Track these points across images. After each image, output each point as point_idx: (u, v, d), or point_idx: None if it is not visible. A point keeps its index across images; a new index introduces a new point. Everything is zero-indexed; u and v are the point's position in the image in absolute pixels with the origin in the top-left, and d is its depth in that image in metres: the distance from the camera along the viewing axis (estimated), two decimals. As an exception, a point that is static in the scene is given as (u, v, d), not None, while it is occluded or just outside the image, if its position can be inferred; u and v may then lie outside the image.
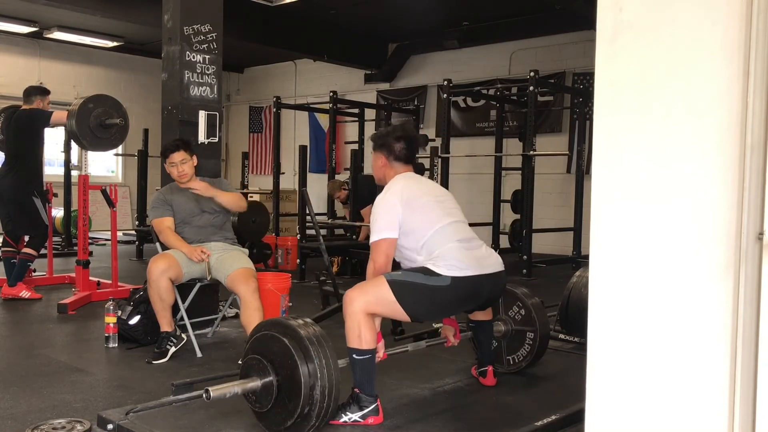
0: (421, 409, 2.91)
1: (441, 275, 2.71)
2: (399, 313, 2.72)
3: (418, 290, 2.71)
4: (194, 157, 4.11)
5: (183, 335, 3.92)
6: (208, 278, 3.89)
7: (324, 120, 11.45)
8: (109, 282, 5.70)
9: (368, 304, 2.66)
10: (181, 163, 4.02)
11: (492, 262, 2.90)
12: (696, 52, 1.46)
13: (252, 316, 3.61)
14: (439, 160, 7.17)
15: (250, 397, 2.55)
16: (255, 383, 2.50)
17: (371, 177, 8.66)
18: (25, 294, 5.46)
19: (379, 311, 2.72)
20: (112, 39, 11.02)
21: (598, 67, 1.61)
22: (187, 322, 3.98)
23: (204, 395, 2.42)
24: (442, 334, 3.29)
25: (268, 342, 2.53)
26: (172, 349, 3.82)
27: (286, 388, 2.46)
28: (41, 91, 5.71)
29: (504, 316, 3.44)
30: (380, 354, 2.79)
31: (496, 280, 2.91)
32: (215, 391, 2.43)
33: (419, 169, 4.15)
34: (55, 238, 8.15)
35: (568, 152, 8.95)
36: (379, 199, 2.89)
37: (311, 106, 10.56)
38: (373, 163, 3.08)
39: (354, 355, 2.66)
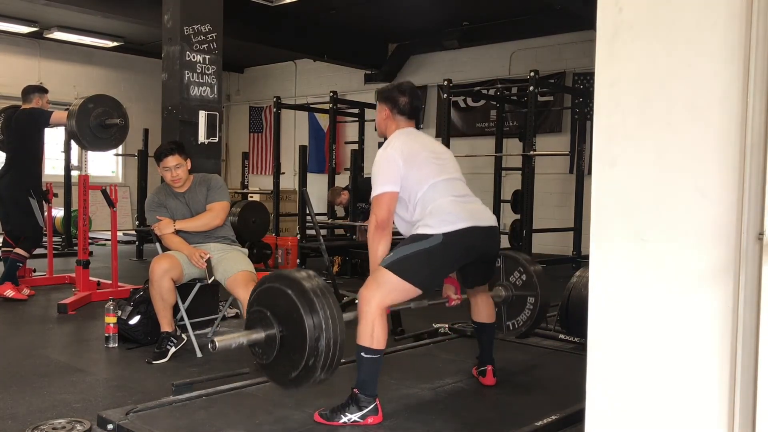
0: (421, 409, 2.91)
1: (432, 235, 2.73)
2: (411, 291, 2.74)
3: (416, 258, 2.72)
4: (188, 161, 4.09)
5: (183, 335, 3.92)
6: (209, 281, 3.88)
7: (324, 120, 11.45)
8: (109, 282, 5.70)
9: (383, 298, 2.69)
10: (176, 168, 4.00)
11: (486, 217, 2.93)
12: (696, 52, 1.46)
13: None
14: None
15: (255, 350, 2.56)
16: (259, 335, 2.50)
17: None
18: (9, 293, 5.38)
19: (395, 298, 2.74)
20: (112, 39, 11.02)
21: (598, 67, 1.61)
22: (187, 322, 3.98)
23: (210, 346, 2.45)
24: (443, 294, 3.27)
25: (273, 295, 2.52)
26: (173, 349, 3.82)
27: (291, 340, 2.45)
28: (40, 90, 5.72)
29: (505, 282, 3.47)
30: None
31: (490, 234, 2.93)
32: (220, 341, 2.45)
33: None
34: (55, 238, 8.15)
35: (568, 152, 8.94)
36: (381, 154, 2.88)
37: (311, 106, 10.56)
38: (377, 115, 3.08)
39: (363, 354, 2.66)
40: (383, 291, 2.69)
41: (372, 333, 2.65)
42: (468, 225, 2.79)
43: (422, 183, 2.81)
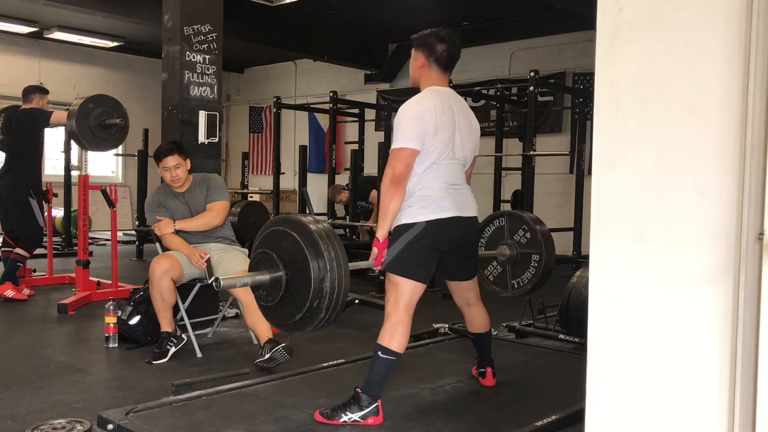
0: (421, 409, 2.91)
1: (415, 223, 2.74)
2: (420, 287, 2.76)
3: (408, 253, 2.73)
4: (188, 161, 4.09)
5: (183, 335, 3.92)
6: (209, 281, 3.88)
7: (324, 120, 11.45)
8: (109, 282, 5.70)
9: (405, 304, 2.71)
10: (175, 168, 4.01)
11: (470, 207, 2.95)
12: (696, 52, 1.46)
13: (258, 317, 3.59)
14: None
15: (260, 293, 2.56)
16: (263, 276, 2.48)
17: (372, 177, 8.68)
18: (9, 293, 5.37)
19: (411, 297, 2.75)
20: (112, 39, 11.02)
21: (598, 67, 1.61)
22: (187, 322, 3.99)
23: (214, 284, 2.46)
24: None
25: (278, 237, 2.50)
26: (173, 349, 3.82)
27: (295, 281, 2.43)
28: (40, 90, 5.72)
29: (509, 241, 3.48)
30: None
31: (470, 223, 2.95)
32: (225, 280, 2.47)
33: None
34: (55, 238, 8.15)
35: (568, 152, 8.94)
36: (413, 108, 2.76)
37: (311, 106, 10.56)
38: (411, 63, 2.97)
39: (379, 352, 2.67)
40: (402, 297, 2.72)
41: (392, 334, 2.67)
42: (451, 215, 2.80)
43: (431, 155, 2.77)
